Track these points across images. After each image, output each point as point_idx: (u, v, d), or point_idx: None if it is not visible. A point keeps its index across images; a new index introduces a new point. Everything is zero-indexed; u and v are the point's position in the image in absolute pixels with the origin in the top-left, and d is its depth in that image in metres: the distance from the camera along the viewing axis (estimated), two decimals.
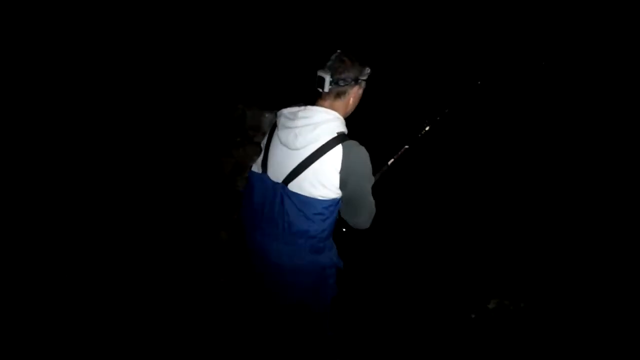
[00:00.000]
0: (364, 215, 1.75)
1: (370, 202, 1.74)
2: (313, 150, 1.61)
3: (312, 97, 1.72)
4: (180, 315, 2.61)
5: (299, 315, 1.95)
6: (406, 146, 2.07)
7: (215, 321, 2.61)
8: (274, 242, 1.75)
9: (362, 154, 1.66)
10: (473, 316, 2.72)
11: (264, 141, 1.81)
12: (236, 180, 2.96)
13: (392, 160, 2.06)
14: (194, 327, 2.56)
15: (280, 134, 1.68)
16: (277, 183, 1.69)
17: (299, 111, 1.68)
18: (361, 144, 1.69)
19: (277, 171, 1.69)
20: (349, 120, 1.77)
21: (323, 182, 1.63)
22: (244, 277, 2.02)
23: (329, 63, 1.67)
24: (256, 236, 1.80)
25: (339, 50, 1.71)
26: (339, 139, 1.62)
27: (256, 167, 1.79)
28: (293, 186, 1.66)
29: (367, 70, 1.72)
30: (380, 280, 2.98)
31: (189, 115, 3.58)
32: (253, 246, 1.83)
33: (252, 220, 1.81)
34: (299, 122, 1.64)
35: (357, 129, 1.83)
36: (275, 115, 1.78)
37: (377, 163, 1.92)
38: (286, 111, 1.71)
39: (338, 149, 1.61)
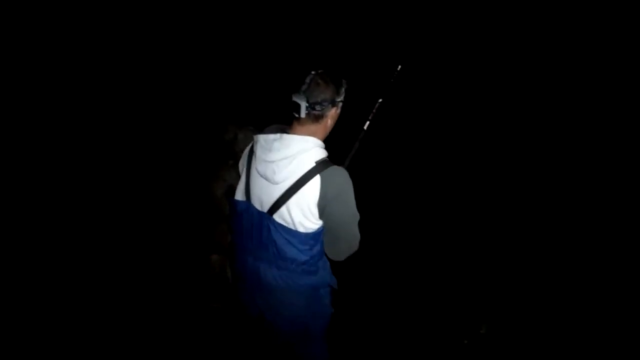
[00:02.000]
0: (341, 247, 1.71)
1: (350, 234, 1.68)
2: (292, 183, 1.58)
3: (289, 118, 1.64)
4: (173, 339, 2.57)
5: (295, 338, 1.92)
6: (380, 100, 1.89)
7: (209, 346, 2.57)
8: (266, 265, 1.73)
9: (340, 181, 1.61)
10: (466, 342, 2.70)
11: (242, 164, 1.78)
12: (227, 203, 2.95)
13: (367, 122, 1.87)
14: (188, 351, 2.53)
15: (258, 166, 1.64)
16: (263, 212, 1.67)
17: (274, 140, 1.61)
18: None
19: (261, 202, 1.67)
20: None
21: (304, 213, 1.61)
22: (237, 301, 1.99)
23: (303, 87, 1.59)
24: (248, 260, 1.79)
25: (312, 72, 1.62)
26: (318, 168, 1.57)
27: (239, 195, 1.77)
28: (277, 217, 1.64)
29: (344, 89, 1.66)
30: (373, 303, 2.96)
31: (181, 137, 3.58)
32: (245, 269, 1.82)
33: (243, 245, 1.80)
34: (275, 155, 1.59)
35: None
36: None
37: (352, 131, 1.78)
38: (262, 139, 1.65)
39: (316, 180, 1.57)
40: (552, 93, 4.48)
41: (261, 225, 1.69)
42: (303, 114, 1.58)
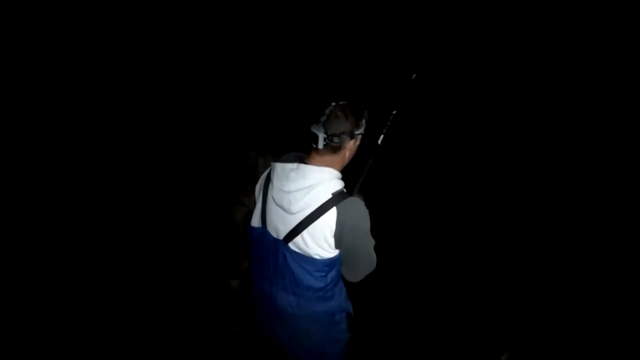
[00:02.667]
0: (360, 272, 1.74)
1: (367, 260, 1.71)
2: (308, 214, 1.59)
3: (308, 146, 1.65)
4: None
5: None
6: (394, 111, 1.84)
7: None
8: (283, 292, 1.76)
9: (356, 213, 1.62)
10: None
11: (258, 190, 1.81)
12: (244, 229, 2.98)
13: (382, 136, 1.81)
14: None
15: (275, 195, 1.66)
16: (278, 240, 1.70)
17: (291, 170, 1.63)
18: None
19: (276, 229, 1.70)
20: None
21: (320, 244, 1.63)
22: (255, 326, 2.01)
23: (322, 118, 1.60)
24: (265, 286, 1.82)
25: (333, 104, 1.63)
26: (334, 200, 1.58)
27: (255, 221, 1.80)
28: (293, 245, 1.66)
29: (364, 122, 1.67)
30: (390, 328, 2.93)
31: (202, 162, 3.65)
32: (263, 295, 1.85)
33: (260, 271, 1.83)
34: (292, 186, 1.60)
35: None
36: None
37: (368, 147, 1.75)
38: (279, 167, 1.67)
39: (332, 212, 1.58)
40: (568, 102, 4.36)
41: (277, 252, 1.71)
42: (320, 145, 1.60)
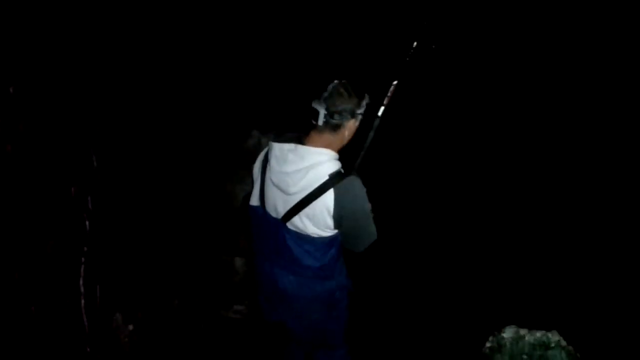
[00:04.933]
0: (363, 244, 1.75)
1: (368, 233, 1.72)
2: (305, 195, 1.59)
3: (308, 125, 1.64)
4: (196, 341, 2.63)
5: (315, 342, 1.96)
6: (395, 82, 1.79)
7: (231, 349, 2.63)
8: (284, 272, 1.79)
9: (354, 194, 1.62)
10: (489, 345, 2.67)
11: (256, 170, 1.81)
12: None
13: (382, 107, 1.78)
14: (210, 353, 2.59)
15: (272, 176, 1.66)
16: (277, 220, 1.71)
17: (289, 151, 1.63)
18: None
19: (275, 209, 1.71)
20: None
21: (318, 224, 1.64)
22: (257, 305, 2.04)
23: (324, 94, 1.59)
24: (266, 265, 1.85)
25: (336, 81, 1.61)
26: (332, 181, 1.58)
27: (254, 201, 1.81)
28: (291, 225, 1.67)
29: (365, 102, 1.65)
30: (392, 307, 2.96)
31: (205, 141, 3.65)
32: (264, 275, 1.89)
33: (261, 251, 1.86)
34: (289, 167, 1.60)
35: None
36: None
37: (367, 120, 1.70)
38: (277, 148, 1.67)
39: (330, 194, 1.58)
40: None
41: (276, 232, 1.74)
42: (321, 122, 1.58)
